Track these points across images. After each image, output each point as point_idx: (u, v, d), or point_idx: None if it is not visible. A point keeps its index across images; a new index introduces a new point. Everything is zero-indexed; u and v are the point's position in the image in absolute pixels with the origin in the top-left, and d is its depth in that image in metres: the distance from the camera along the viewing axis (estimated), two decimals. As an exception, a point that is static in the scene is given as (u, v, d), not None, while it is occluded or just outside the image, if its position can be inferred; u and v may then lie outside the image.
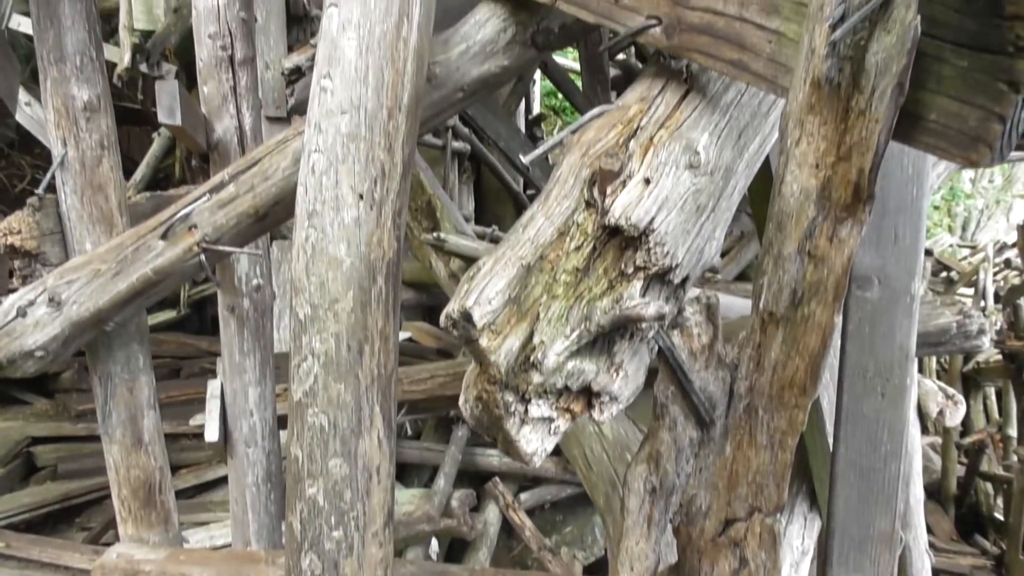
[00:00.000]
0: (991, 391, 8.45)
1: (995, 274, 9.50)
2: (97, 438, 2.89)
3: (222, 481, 5.35)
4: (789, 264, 1.50)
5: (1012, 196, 15.81)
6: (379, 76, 1.85)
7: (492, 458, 5.73)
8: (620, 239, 1.55)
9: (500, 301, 1.46)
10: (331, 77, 1.87)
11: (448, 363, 4.08)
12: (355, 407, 1.93)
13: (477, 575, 3.66)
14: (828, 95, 1.37)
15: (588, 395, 1.54)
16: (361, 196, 1.88)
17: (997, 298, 9.02)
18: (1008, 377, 7.30)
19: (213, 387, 3.54)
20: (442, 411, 5.38)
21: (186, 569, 2.36)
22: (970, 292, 9.50)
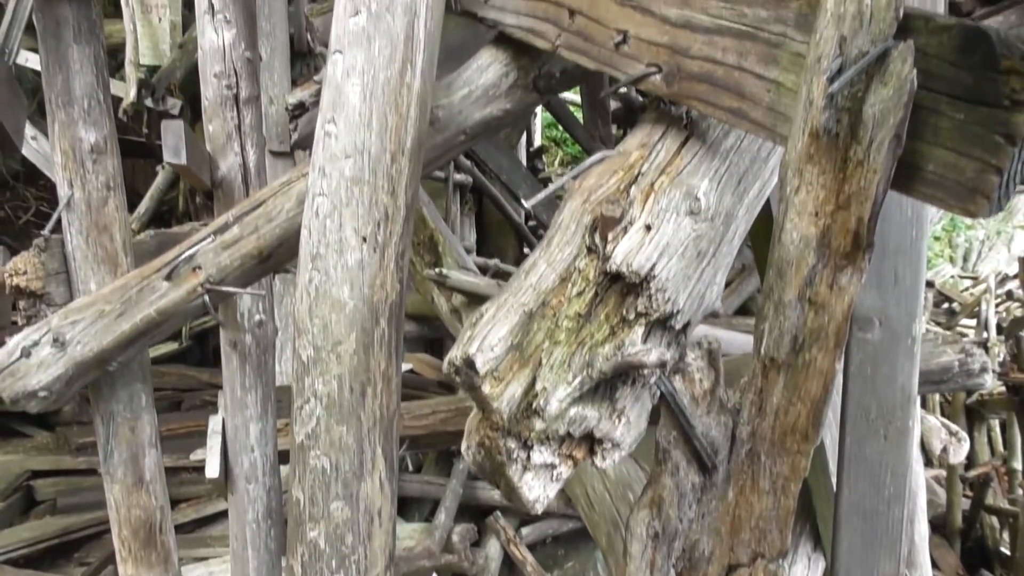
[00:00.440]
0: (995, 423, 8.41)
1: (997, 305, 9.50)
2: (97, 471, 2.88)
3: (222, 515, 5.31)
4: (790, 311, 1.50)
5: (1013, 227, 15.84)
6: (383, 121, 1.88)
7: (493, 492, 5.69)
8: (622, 285, 1.56)
9: (503, 348, 1.47)
10: (335, 122, 1.89)
11: (450, 399, 4.08)
12: (357, 450, 1.93)
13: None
14: (826, 145, 1.38)
15: (590, 441, 1.54)
16: (364, 239, 1.89)
17: (999, 329, 9.01)
18: (1012, 409, 7.27)
19: (214, 423, 3.54)
20: (444, 446, 5.36)
21: (185, 611, 2.34)
22: (972, 323, 9.49)
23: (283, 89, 5.32)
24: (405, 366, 6.12)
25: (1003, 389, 7.50)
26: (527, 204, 1.79)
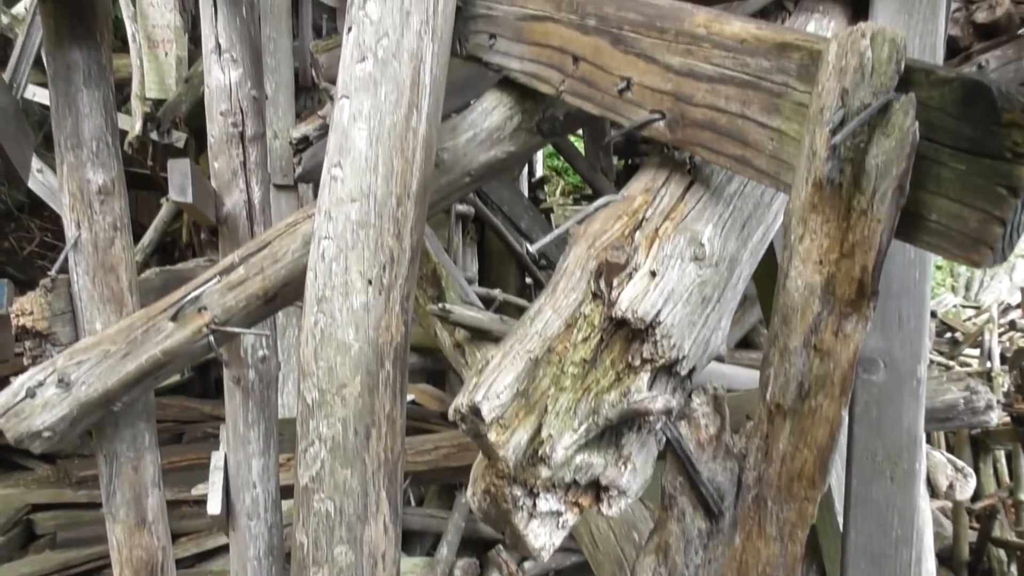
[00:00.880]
0: (1001, 455, 8.34)
1: (1000, 335, 9.48)
2: (98, 505, 2.86)
3: (223, 550, 5.27)
4: (795, 357, 1.50)
5: (1015, 256, 15.86)
6: (389, 165, 1.89)
7: (496, 526, 5.64)
8: (627, 331, 1.56)
9: (508, 395, 1.47)
10: (342, 166, 1.91)
11: (452, 434, 4.06)
12: (361, 493, 1.92)
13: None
14: (830, 195, 1.39)
15: (596, 488, 1.54)
16: (370, 282, 1.90)
17: (1003, 359, 8.98)
18: (1018, 440, 7.22)
19: (216, 458, 3.53)
20: (446, 482, 5.33)
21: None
22: (975, 353, 9.47)
23: (287, 123, 5.39)
24: (408, 397, 6.09)
25: (1008, 420, 7.46)
26: (533, 248, 1.80)
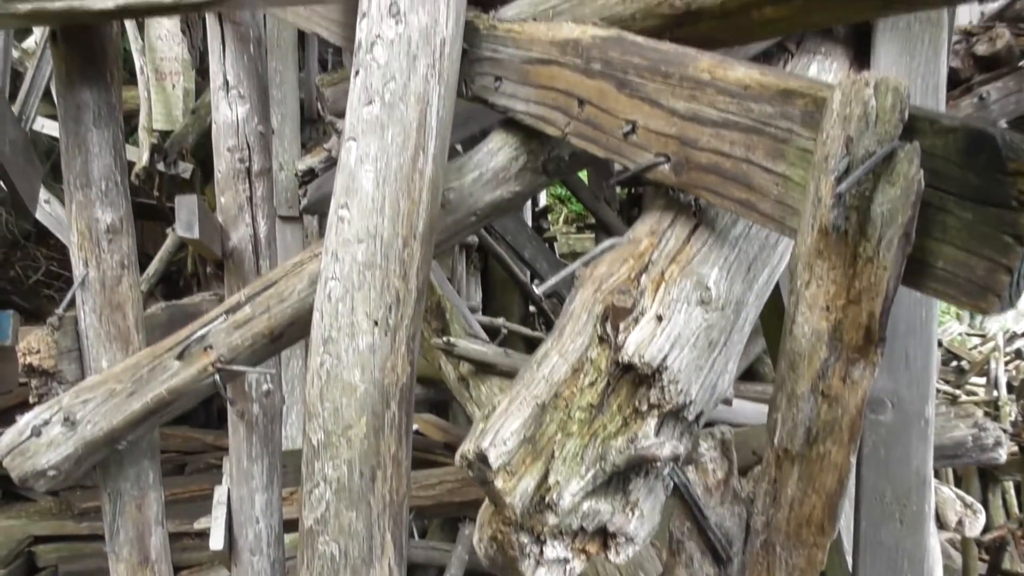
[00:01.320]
0: (1010, 485, 8.28)
1: (1006, 363, 9.44)
2: (100, 537, 2.84)
3: (224, 583, 5.23)
4: (803, 403, 1.50)
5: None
6: (395, 207, 1.90)
7: (500, 559, 5.59)
8: (634, 375, 1.56)
9: (515, 442, 1.47)
10: (348, 207, 1.92)
11: (456, 468, 4.03)
12: (366, 535, 1.91)
13: None
14: (836, 242, 1.40)
15: (604, 535, 1.52)
16: (376, 323, 1.91)
17: (1010, 388, 8.93)
18: (1026, 471, 7.17)
19: (220, 493, 3.51)
20: (450, 516, 5.29)
21: None
22: (982, 382, 9.42)
23: (293, 155, 5.43)
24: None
25: (1016, 450, 7.41)
26: (539, 290, 1.81)
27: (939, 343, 9.98)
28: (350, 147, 1.94)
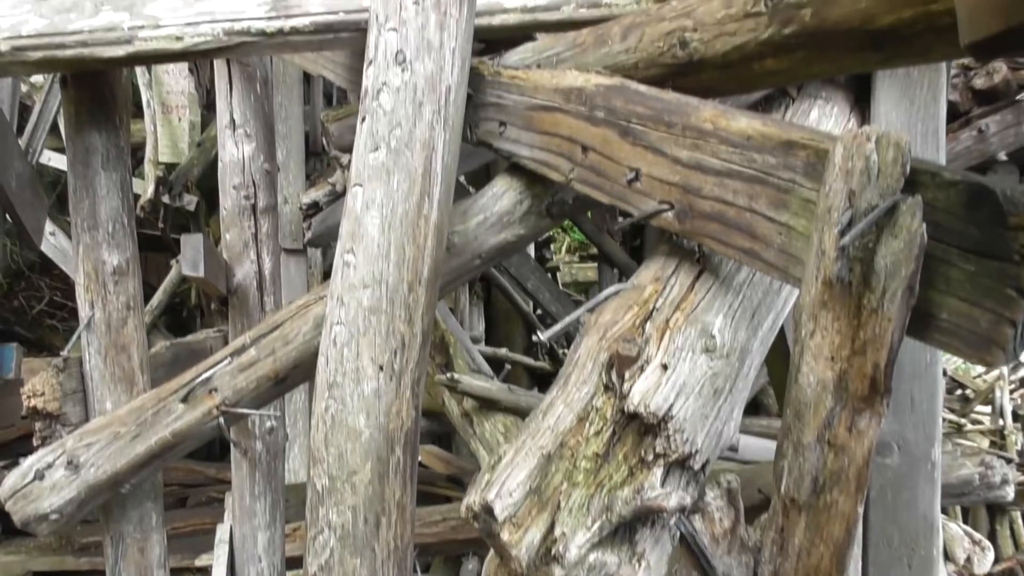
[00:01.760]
0: (1017, 515, 8.19)
1: (1012, 391, 9.38)
2: (100, 572, 2.82)
3: (226, 620, 5.16)
4: (809, 452, 1.50)
5: None
6: (400, 252, 1.92)
7: (504, 594, 5.53)
8: (639, 424, 1.56)
9: (521, 493, 1.46)
10: (354, 253, 1.93)
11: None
12: (371, 582, 1.90)
13: None
14: (840, 293, 1.40)
15: (610, 587, 1.51)
16: (381, 367, 1.91)
17: (1015, 416, 8.88)
18: (1034, 502, 7.09)
19: (222, 531, 3.49)
20: (454, 553, 5.25)
21: None
22: (987, 410, 9.36)
23: (298, 189, 5.46)
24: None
25: (1023, 480, 7.33)
26: (543, 336, 1.81)
27: (944, 372, 9.94)
28: (356, 193, 1.96)
